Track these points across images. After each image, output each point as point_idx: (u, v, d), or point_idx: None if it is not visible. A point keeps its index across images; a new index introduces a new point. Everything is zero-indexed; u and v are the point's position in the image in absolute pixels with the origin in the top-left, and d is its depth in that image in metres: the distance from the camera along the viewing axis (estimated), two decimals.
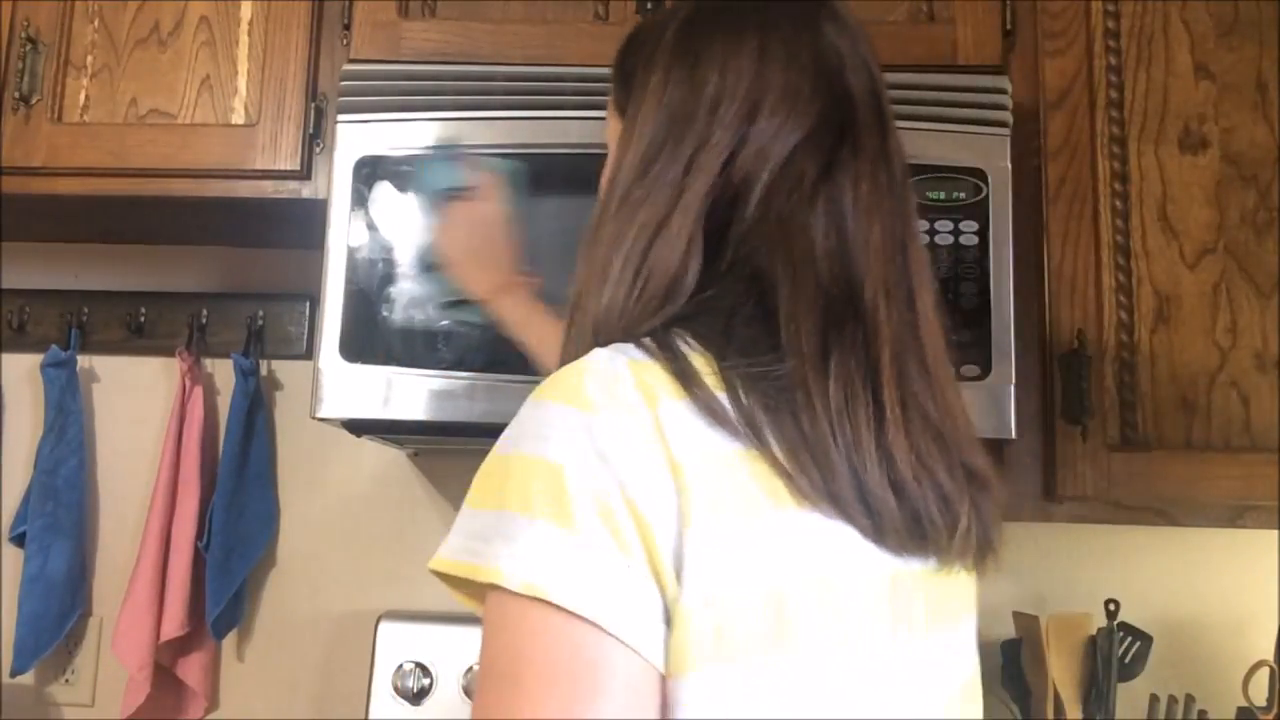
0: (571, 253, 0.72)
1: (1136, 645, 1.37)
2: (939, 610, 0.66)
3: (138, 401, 1.65)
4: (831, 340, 0.62)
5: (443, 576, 0.59)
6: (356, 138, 1.24)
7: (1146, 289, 1.24)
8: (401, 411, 1.19)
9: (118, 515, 1.63)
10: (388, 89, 1.25)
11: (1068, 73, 1.29)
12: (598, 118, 0.83)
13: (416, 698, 1.46)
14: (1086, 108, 1.28)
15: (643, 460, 0.56)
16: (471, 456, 1.72)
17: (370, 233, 1.23)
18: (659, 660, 0.55)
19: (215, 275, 1.68)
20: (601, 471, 0.56)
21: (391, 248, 1.22)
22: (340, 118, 1.25)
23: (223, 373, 1.63)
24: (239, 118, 1.36)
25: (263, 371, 1.63)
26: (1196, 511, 1.34)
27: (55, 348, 1.59)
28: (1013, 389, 1.15)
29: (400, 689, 1.46)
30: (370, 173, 1.23)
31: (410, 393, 1.19)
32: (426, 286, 1.20)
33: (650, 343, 0.62)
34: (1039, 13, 1.30)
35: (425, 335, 1.20)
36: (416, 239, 1.22)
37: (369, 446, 1.56)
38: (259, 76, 1.36)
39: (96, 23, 1.39)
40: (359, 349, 1.20)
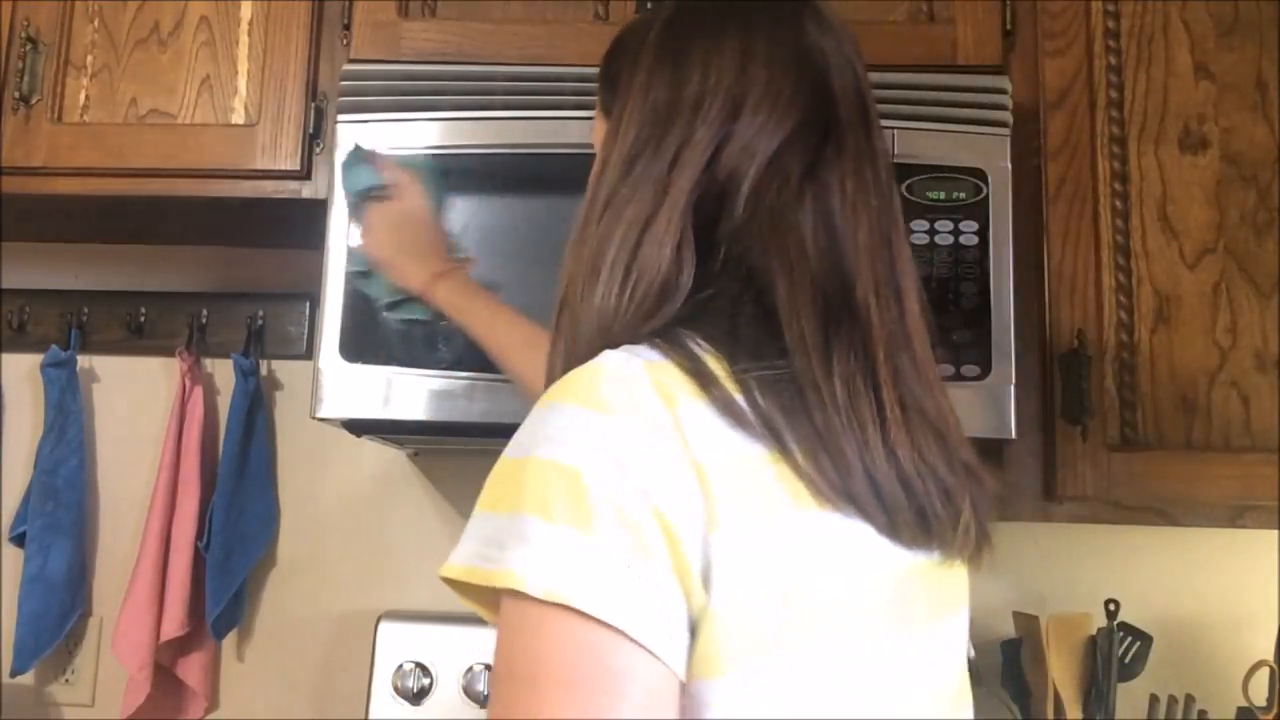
0: None
1: (1136, 645, 1.37)
2: (937, 606, 0.67)
3: (138, 402, 1.65)
4: (832, 338, 0.62)
5: (453, 583, 0.58)
6: (356, 138, 1.24)
7: (1146, 289, 1.24)
8: (401, 411, 1.19)
9: (118, 515, 1.63)
10: (387, 89, 1.25)
11: (1068, 73, 1.29)
12: None
13: (416, 698, 1.46)
14: (1086, 108, 1.28)
15: (665, 463, 0.56)
16: (471, 456, 1.73)
17: None
18: (679, 666, 0.55)
19: (215, 275, 1.68)
20: (622, 475, 0.55)
21: None
22: (340, 118, 1.25)
23: (223, 373, 1.63)
24: (239, 118, 1.36)
25: (263, 371, 1.63)
26: (1196, 511, 1.34)
27: (55, 348, 1.59)
28: (1013, 389, 1.15)
29: (400, 689, 1.46)
30: None
31: (410, 393, 1.19)
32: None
33: (663, 343, 0.62)
34: (1039, 13, 1.30)
35: (425, 335, 1.20)
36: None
37: (369, 446, 1.56)
38: (259, 76, 1.36)
39: (96, 23, 1.39)
40: (359, 349, 1.20)
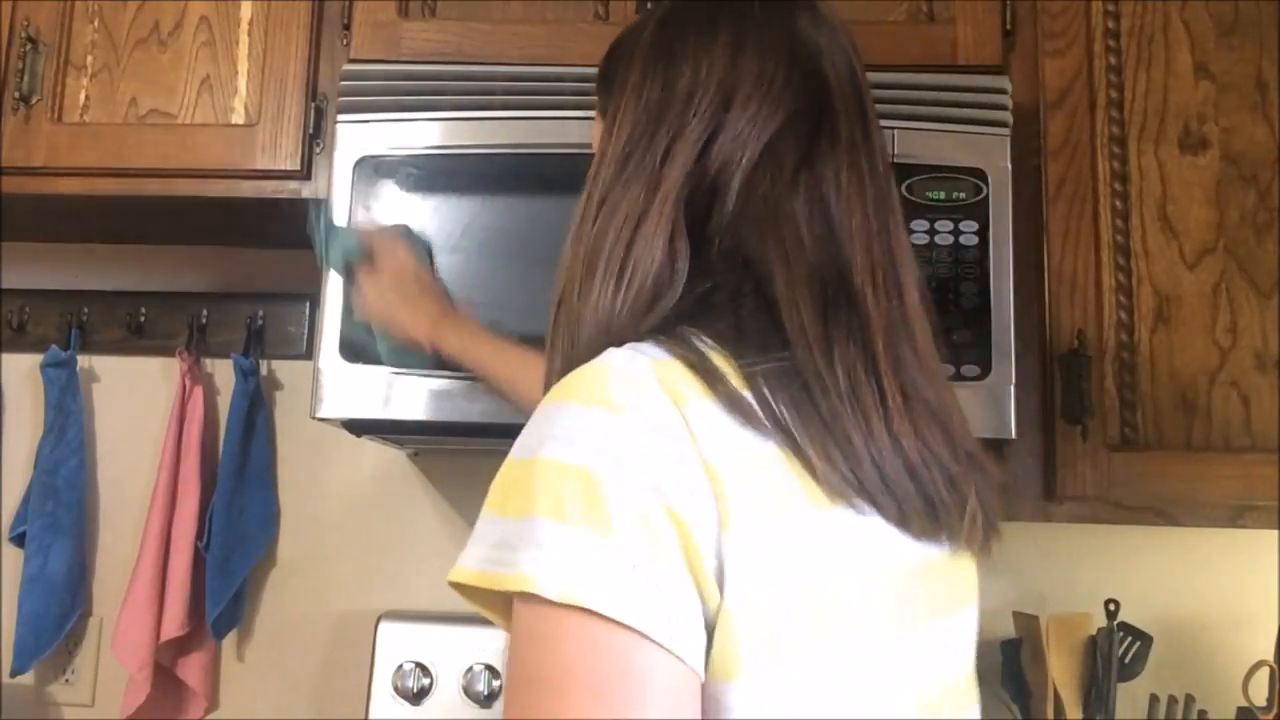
0: None
1: (1136, 645, 1.37)
2: (941, 602, 0.66)
3: (138, 401, 1.65)
4: (832, 327, 0.62)
5: (461, 587, 0.57)
6: (356, 138, 1.24)
7: (1146, 289, 1.24)
8: (401, 411, 1.19)
9: (118, 515, 1.63)
10: (388, 89, 1.25)
11: (1068, 73, 1.29)
12: None
13: (416, 698, 1.46)
14: (1086, 108, 1.28)
15: (676, 463, 0.55)
16: (471, 456, 1.73)
17: None
18: (699, 665, 0.55)
19: (215, 275, 1.68)
20: (635, 475, 0.55)
21: None
22: (340, 118, 1.25)
23: (223, 373, 1.63)
24: (239, 118, 1.36)
25: (263, 371, 1.63)
26: (1196, 511, 1.34)
27: (55, 348, 1.59)
28: (1013, 389, 1.15)
29: (400, 689, 1.46)
30: (370, 173, 1.23)
31: (410, 393, 1.19)
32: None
33: (669, 341, 0.61)
34: (1039, 13, 1.30)
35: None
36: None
37: (369, 446, 1.56)
38: (259, 76, 1.36)
39: (96, 23, 1.39)
40: (359, 349, 1.20)
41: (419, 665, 1.47)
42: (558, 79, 1.24)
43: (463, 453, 1.57)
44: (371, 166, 1.23)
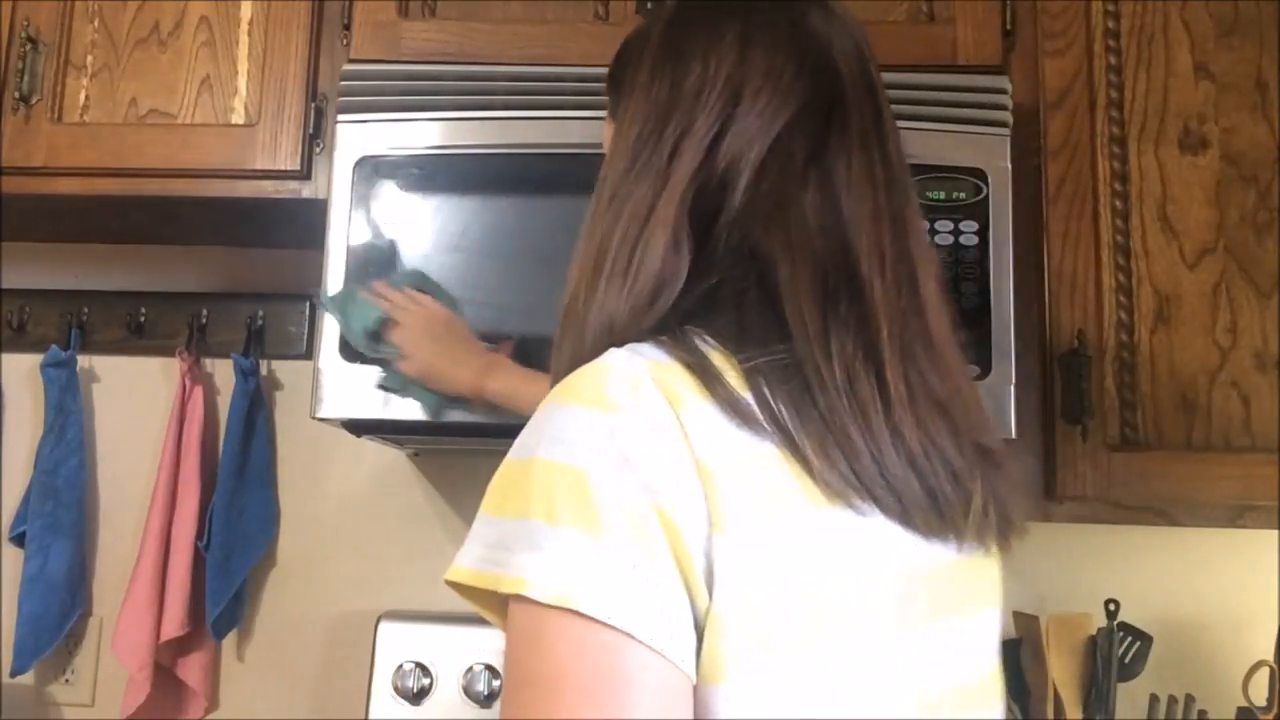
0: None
1: (1136, 645, 1.37)
2: (943, 603, 0.66)
3: (138, 401, 1.65)
4: (831, 318, 0.62)
5: (458, 587, 0.58)
6: (356, 138, 1.24)
7: (1146, 289, 1.24)
8: (401, 412, 1.19)
9: (118, 515, 1.63)
10: (388, 89, 1.25)
11: (1068, 73, 1.29)
12: (598, 118, 0.83)
13: (416, 698, 1.46)
14: (1086, 108, 1.28)
15: (669, 464, 0.56)
16: (471, 457, 1.73)
17: (370, 232, 1.23)
18: (690, 667, 0.55)
19: (215, 275, 1.68)
20: (628, 476, 0.55)
21: (392, 247, 1.22)
22: (340, 118, 1.25)
23: (223, 373, 1.63)
24: (239, 118, 1.36)
25: (263, 371, 1.63)
26: (1196, 511, 1.34)
27: (55, 348, 1.59)
28: (1013, 389, 1.15)
29: (400, 689, 1.46)
30: (370, 173, 1.23)
31: None
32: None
33: (669, 342, 0.61)
34: (1039, 13, 1.30)
35: None
36: (418, 239, 1.22)
37: (369, 446, 1.56)
38: (259, 76, 1.36)
39: (96, 23, 1.39)
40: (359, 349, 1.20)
41: (419, 665, 1.47)
42: (558, 79, 1.24)
43: (463, 453, 1.57)
44: (371, 166, 1.23)
